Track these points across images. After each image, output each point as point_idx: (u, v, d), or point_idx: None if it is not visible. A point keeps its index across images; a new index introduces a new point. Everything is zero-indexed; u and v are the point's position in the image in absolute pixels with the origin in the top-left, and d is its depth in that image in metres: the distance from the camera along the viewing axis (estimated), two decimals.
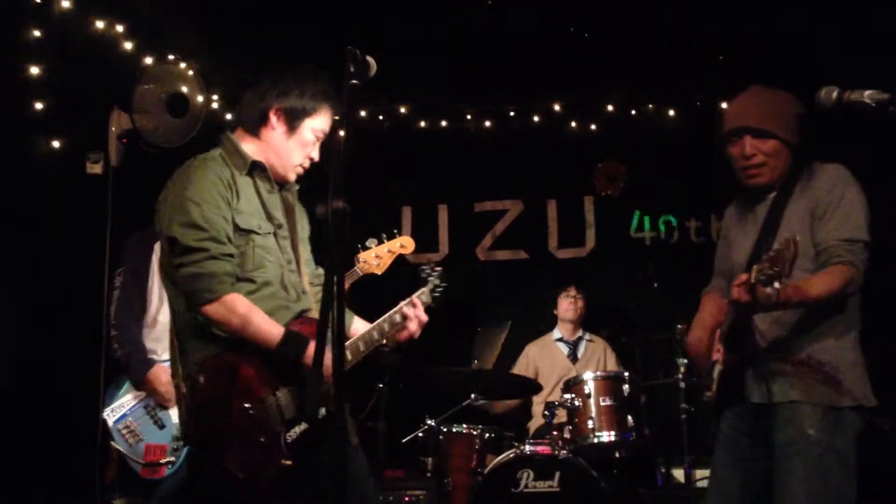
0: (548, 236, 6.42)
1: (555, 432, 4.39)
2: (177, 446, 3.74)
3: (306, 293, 2.86)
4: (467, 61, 5.77)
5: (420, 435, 4.60)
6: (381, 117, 6.31)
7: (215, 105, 5.64)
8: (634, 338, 5.49)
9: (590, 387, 4.43)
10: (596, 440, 4.34)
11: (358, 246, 3.62)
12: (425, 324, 2.93)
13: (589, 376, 4.49)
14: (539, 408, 5.15)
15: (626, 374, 4.55)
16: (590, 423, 4.35)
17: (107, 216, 5.03)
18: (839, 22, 5.12)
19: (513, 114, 6.32)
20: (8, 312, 4.88)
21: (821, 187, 2.84)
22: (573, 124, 6.19)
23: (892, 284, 4.74)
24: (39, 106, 5.00)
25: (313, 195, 2.91)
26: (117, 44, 5.22)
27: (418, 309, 2.90)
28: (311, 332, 2.60)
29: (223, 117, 5.48)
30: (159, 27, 5.30)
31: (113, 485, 3.88)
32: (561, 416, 4.49)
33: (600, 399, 4.40)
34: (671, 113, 6.15)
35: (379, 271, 3.67)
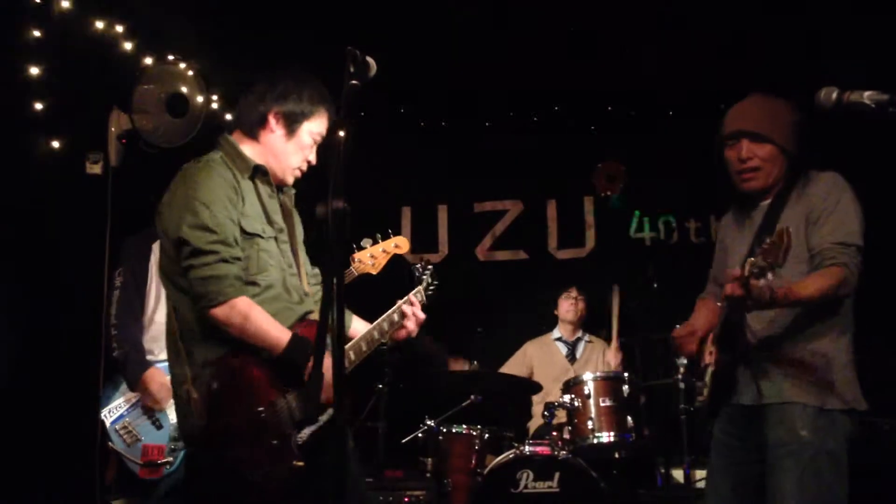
0: (547, 237, 6.42)
1: (554, 433, 4.40)
2: (175, 447, 3.73)
3: (308, 295, 2.86)
4: (467, 61, 5.78)
5: (420, 435, 4.61)
6: (380, 117, 6.30)
7: (215, 105, 5.63)
8: (634, 338, 5.49)
9: (589, 387, 4.43)
10: (595, 440, 4.34)
11: (353, 246, 3.63)
12: (422, 322, 2.95)
13: (588, 377, 4.49)
14: (539, 408, 5.15)
15: (626, 374, 4.55)
16: (589, 423, 4.35)
17: (106, 216, 5.03)
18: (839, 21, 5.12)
19: (512, 114, 6.32)
20: (8, 312, 4.88)
21: (816, 194, 2.86)
22: (573, 124, 6.19)
23: (892, 285, 4.75)
24: (39, 106, 4.99)
25: (312, 197, 2.93)
26: (117, 44, 5.21)
27: (416, 307, 2.93)
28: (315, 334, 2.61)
29: (223, 117, 5.47)
30: (159, 27, 5.29)
31: (111, 485, 3.89)
32: (560, 416, 4.49)
33: (600, 399, 4.40)
34: (671, 113, 6.14)
35: (374, 271, 3.67)
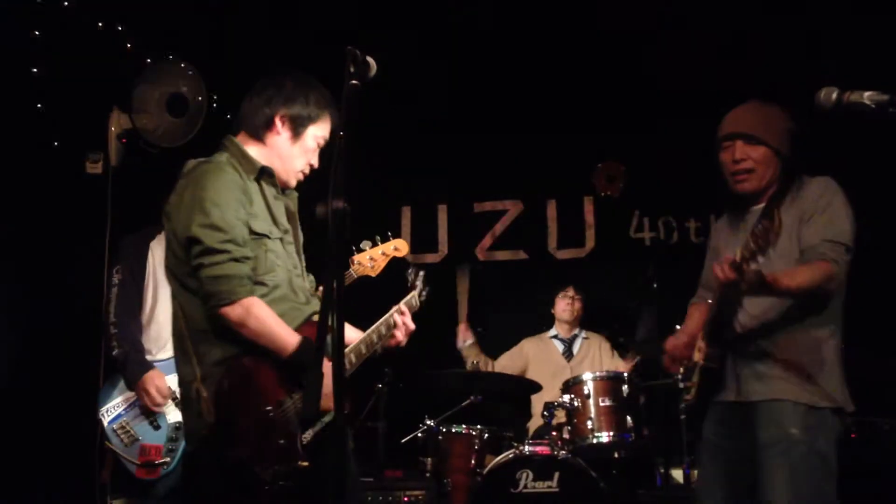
0: (547, 236, 6.41)
1: (554, 433, 4.40)
2: (172, 447, 3.73)
3: (315, 296, 2.88)
4: (467, 61, 5.78)
5: (419, 435, 4.61)
6: (380, 117, 6.30)
7: (214, 105, 5.63)
8: (634, 338, 5.48)
9: (589, 387, 4.42)
10: (595, 440, 4.34)
11: (353, 248, 3.63)
12: (412, 332, 2.97)
13: (588, 376, 4.49)
14: (538, 408, 5.15)
15: (626, 374, 4.56)
16: (589, 423, 4.35)
17: (106, 216, 5.03)
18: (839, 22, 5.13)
19: (512, 114, 6.31)
20: (7, 312, 4.89)
21: (809, 197, 2.91)
22: (573, 124, 6.17)
23: (892, 285, 4.76)
24: (39, 106, 5.00)
25: (311, 200, 2.95)
26: (117, 44, 5.22)
27: (406, 316, 2.94)
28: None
29: (222, 118, 5.47)
30: (159, 27, 5.30)
31: (108, 485, 3.88)
32: (560, 416, 4.49)
33: (599, 399, 4.40)
34: (671, 113, 6.13)
35: (373, 273, 3.67)
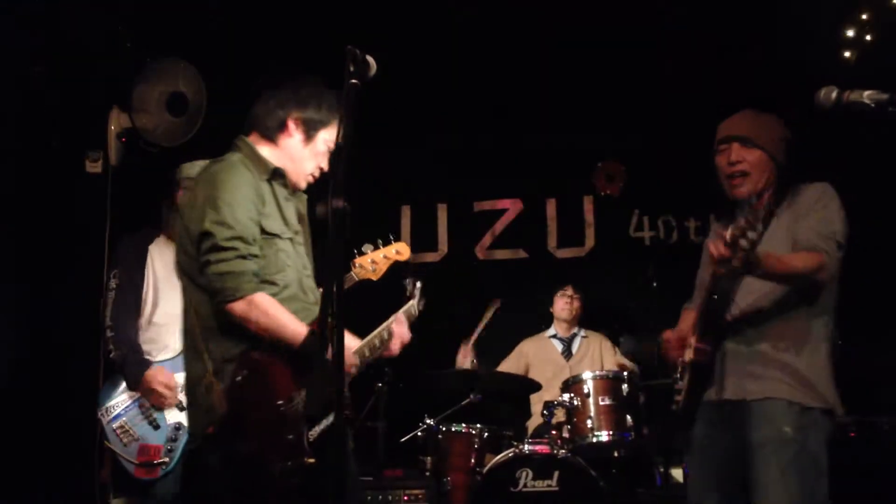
0: (547, 236, 6.42)
1: (553, 431, 4.39)
2: (171, 447, 3.73)
3: None
4: (467, 60, 5.78)
5: (419, 434, 4.61)
6: (380, 116, 6.29)
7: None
8: (633, 338, 5.48)
9: (589, 386, 4.42)
10: (595, 439, 4.33)
11: (354, 251, 3.64)
12: (406, 343, 2.98)
13: (588, 376, 4.49)
14: (538, 407, 5.15)
15: (626, 373, 4.55)
16: (588, 422, 4.35)
17: (106, 215, 5.03)
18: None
19: (512, 113, 6.31)
20: (7, 312, 4.88)
21: (805, 200, 2.94)
22: (573, 124, 6.18)
23: (892, 285, 4.76)
24: (39, 106, 5.00)
25: (312, 199, 2.96)
26: (117, 44, 5.22)
27: (402, 327, 2.96)
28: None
29: (222, 117, 5.48)
30: (159, 27, 5.30)
31: (107, 484, 3.88)
32: (559, 415, 4.49)
33: (599, 398, 4.39)
34: (671, 113, 6.13)
35: (375, 277, 3.68)
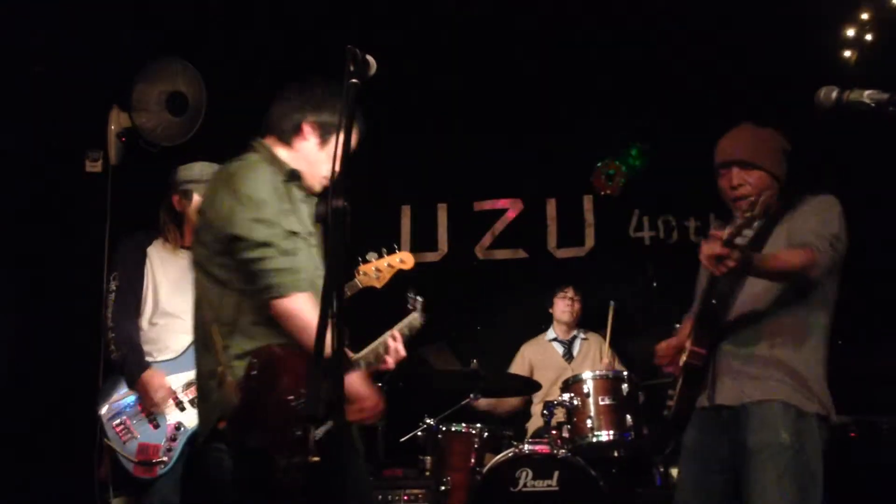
0: (547, 235, 6.41)
1: (553, 431, 4.38)
2: (171, 447, 3.72)
3: None
4: (467, 60, 5.78)
5: (419, 434, 4.61)
6: (380, 116, 6.29)
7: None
8: (633, 337, 5.48)
9: (588, 386, 4.41)
10: (594, 439, 4.33)
11: (358, 259, 3.64)
12: (402, 360, 2.99)
13: (588, 375, 4.48)
14: (538, 407, 5.15)
15: (626, 373, 4.55)
16: (588, 422, 4.34)
17: (106, 215, 5.04)
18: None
19: (512, 113, 6.31)
20: (7, 312, 4.89)
21: (806, 209, 2.96)
22: (573, 124, 6.18)
23: (892, 285, 4.76)
24: (39, 105, 5.01)
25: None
26: (117, 43, 5.23)
27: (398, 342, 2.96)
28: None
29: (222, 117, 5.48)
30: (159, 27, 5.31)
31: (106, 483, 3.88)
32: (559, 415, 4.48)
33: (599, 398, 4.39)
34: (671, 113, 6.13)
35: (378, 285, 3.68)
